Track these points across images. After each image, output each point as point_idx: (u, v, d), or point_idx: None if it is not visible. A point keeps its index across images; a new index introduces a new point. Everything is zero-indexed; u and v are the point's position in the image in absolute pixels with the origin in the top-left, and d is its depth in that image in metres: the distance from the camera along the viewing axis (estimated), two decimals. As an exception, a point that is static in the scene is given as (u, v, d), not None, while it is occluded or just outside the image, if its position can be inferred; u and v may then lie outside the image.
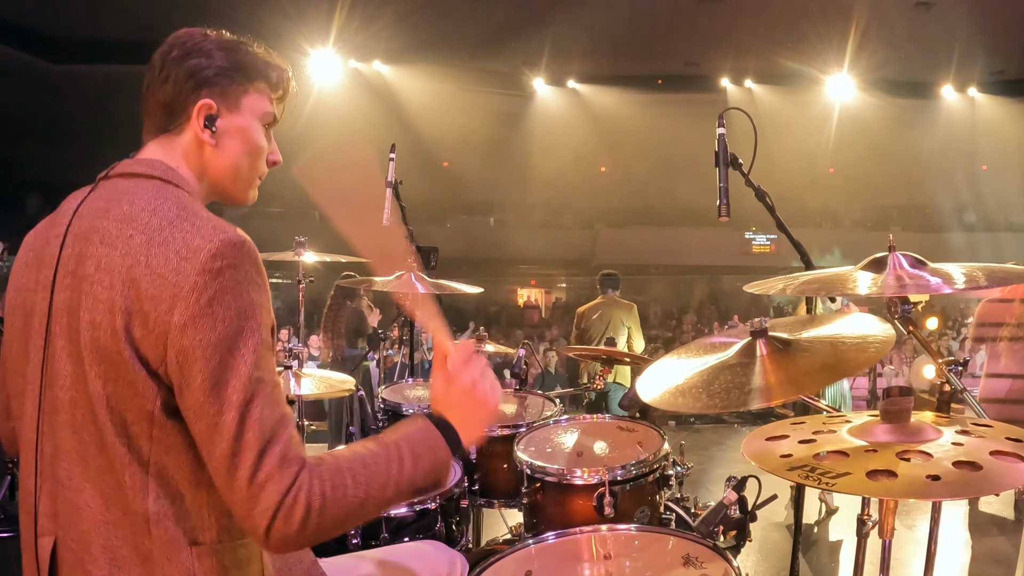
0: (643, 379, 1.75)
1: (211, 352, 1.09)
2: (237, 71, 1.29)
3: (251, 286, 1.14)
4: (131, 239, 1.14)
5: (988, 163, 20.24)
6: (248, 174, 1.36)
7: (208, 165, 1.31)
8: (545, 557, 1.81)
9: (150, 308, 1.11)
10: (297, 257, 3.56)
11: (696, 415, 9.68)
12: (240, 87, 1.30)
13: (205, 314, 1.10)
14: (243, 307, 1.12)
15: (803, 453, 1.31)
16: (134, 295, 1.12)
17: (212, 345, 1.09)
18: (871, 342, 1.52)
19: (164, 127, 1.29)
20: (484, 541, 2.79)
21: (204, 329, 1.09)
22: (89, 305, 1.14)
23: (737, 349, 1.67)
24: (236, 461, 1.08)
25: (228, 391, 1.09)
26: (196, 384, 1.09)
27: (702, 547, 1.74)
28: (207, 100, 1.27)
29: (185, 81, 1.26)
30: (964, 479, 1.16)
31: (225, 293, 1.11)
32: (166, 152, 1.28)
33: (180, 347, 1.10)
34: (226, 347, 1.10)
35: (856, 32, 15.27)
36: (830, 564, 4.50)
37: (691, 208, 20.38)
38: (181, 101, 1.27)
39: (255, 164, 1.36)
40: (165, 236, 1.14)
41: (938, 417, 1.40)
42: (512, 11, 14.35)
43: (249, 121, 1.32)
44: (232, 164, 1.32)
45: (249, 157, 1.34)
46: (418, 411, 2.86)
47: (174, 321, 1.10)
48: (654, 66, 18.05)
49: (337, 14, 14.15)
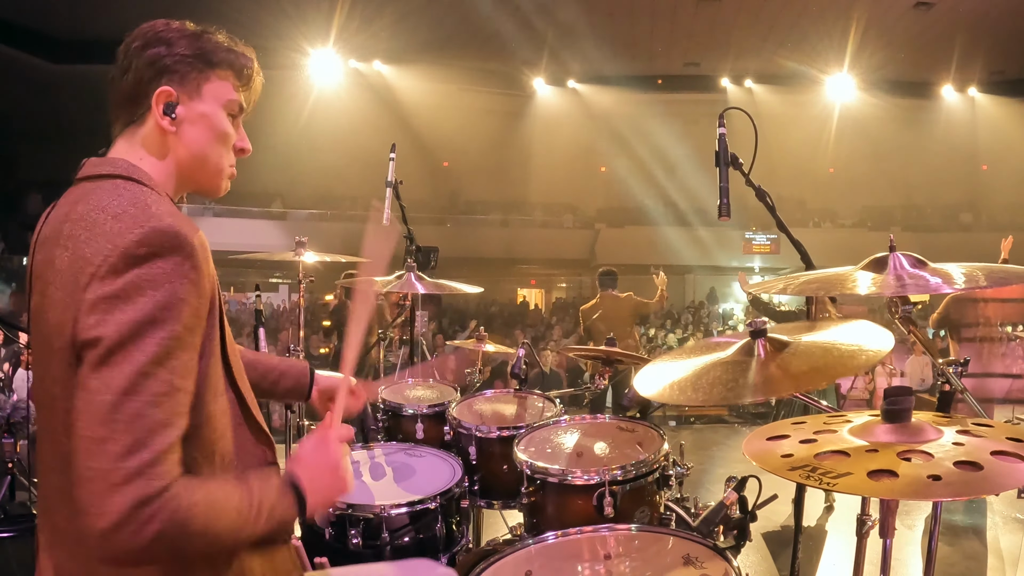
0: (641, 376, 1.76)
1: (111, 331, 1.06)
2: (197, 58, 1.28)
3: (178, 280, 1.11)
4: (78, 237, 1.14)
5: (988, 163, 20.25)
6: (216, 162, 1.34)
7: (172, 153, 1.29)
8: (545, 557, 1.81)
9: (82, 298, 1.10)
10: (297, 257, 3.56)
11: (696, 415, 9.70)
12: (201, 74, 1.29)
13: (117, 296, 1.07)
14: (161, 299, 1.09)
15: (804, 453, 1.31)
16: (74, 290, 1.11)
17: (121, 324, 1.06)
18: (865, 351, 1.53)
19: (128, 119, 1.28)
20: (484, 541, 2.79)
21: (115, 309, 1.07)
22: (48, 306, 1.15)
23: (736, 348, 1.69)
24: (100, 448, 1.04)
25: (114, 374, 1.05)
26: (86, 360, 1.07)
27: (702, 547, 1.74)
28: (166, 87, 1.26)
29: (145, 70, 1.25)
30: (965, 479, 1.15)
31: (142, 280, 1.08)
32: (130, 146, 1.28)
33: (84, 324, 1.08)
34: (128, 333, 1.06)
35: (856, 32, 15.29)
36: (830, 564, 4.50)
37: (691, 208, 20.40)
38: (142, 90, 1.26)
39: (221, 152, 1.34)
40: (105, 229, 1.12)
41: (938, 417, 1.40)
42: (512, 11, 14.36)
43: (211, 108, 1.30)
44: (196, 151, 1.30)
45: (213, 144, 1.32)
46: (418, 411, 2.86)
47: (86, 298, 1.08)
48: (654, 66, 18.08)
49: (337, 14, 14.17)
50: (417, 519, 2.20)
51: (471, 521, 2.68)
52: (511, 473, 2.38)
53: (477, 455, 2.53)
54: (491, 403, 2.88)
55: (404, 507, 2.18)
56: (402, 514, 2.18)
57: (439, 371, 4.12)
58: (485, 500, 2.55)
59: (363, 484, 2.34)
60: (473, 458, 2.53)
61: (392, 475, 2.42)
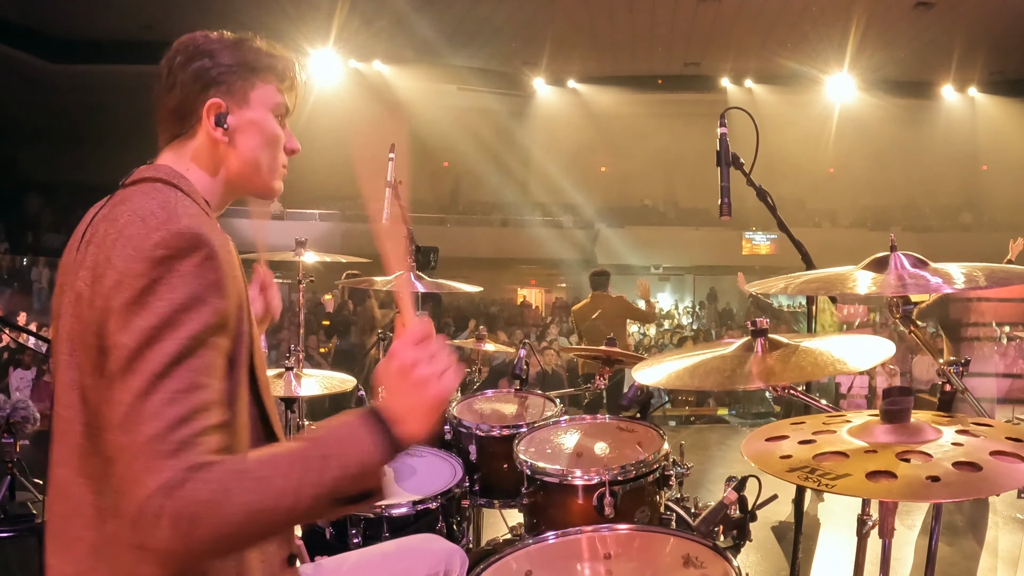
0: (641, 368, 1.78)
1: (135, 335, 1.06)
2: (242, 67, 1.30)
3: (197, 280, 1.11)
4: (107, 237, 1.15)
5: (988, 163, 20.24)
6: (269, 165, 1.37)
7: (225, 163, 1.32)
8: (545, 557, 1.81)
9: (103, 296, 1.11)
10: (297, 257, 3.55)
11: (696, 415, 9.71)
12: (247, 82, 1.31)
13: (138, 301, 1.08)
14: (181, 300, 1.09)
15: (803, 454, 1.31)
16: (99, 288, 1.12)
17: (138, 330, 1.06)
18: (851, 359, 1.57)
19: (176, 132, 1.30)
20: (484, 541, 2.79)
21: (133, 315, 1.07)
22: (77, 303, 1.16)
23: (736, 345, 1.71)
24: (123, 450, 1.04)
25: (134, 379, 1.05)
26: (114, 361, 1.07)
27: (702, 547, 1.75)
28: (215, 99, 1.28)
29: (192, 84, 1.27)
30: (964, 480, 1.15)
31: (160, 283, 1.09)
32: (177, 157, 1.30)
33: (112, 330, 1.09)
34: (152, 335, 1.06)
35: (856, 32, 15.28)
36: (830, 564, 4.50)
37: (691, 208, 20.40)
38: (190, 104, 1.28)
39: (274, 155, 1.37)
40: (132, 231, 1.13)
41: (938, 417, 1.40)
42: (512, 11, 14.36)
43: (261, 114, 1.33)
44: (250, 158, 1.33)
45: (266, 149, 1.35)
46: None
47: (114, 306, 1.09)
48: (654, 66, 18.07)
49: (337, 14, 14.17)
50: (418, 519, 2.21)
51: (471, 521, 2.68)
52: (511, 473, 2.39)
53: (477, 455, 2.53)
54: (491, 403, 2.88)
55: (405, 507, 2.18)
56: (403, 514, 2.18)
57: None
58: (485, 500, 2.55)
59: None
60: (473, 457, 2.54)
61: (393, 475, 2.42)
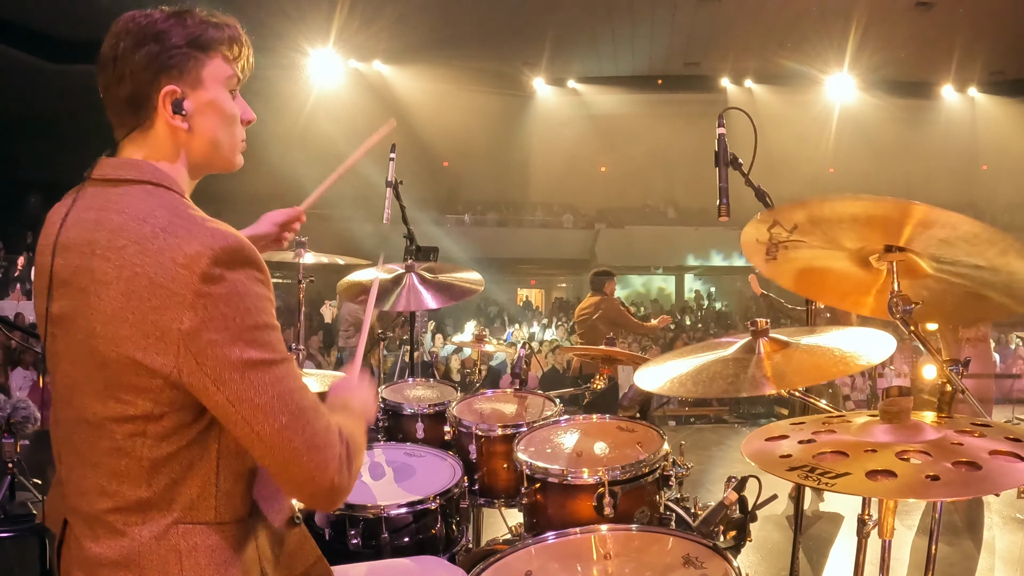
0: (642, 372, 1.77)
1: (228, 350, 1.13)
2: (191, 45, 1.25)
3: (253, 284, 1.17)
4: (124, 250, 1.14)
5: (988, 163, 20.25)
6: (229, 143, 1.34)
7: (187, 148, 1.29)
8: (545, 557, 1.81)
9: (156, 318, 1.12)
10: (297, 258, 3.55)
11: (696, 415, 9.71)
12: (198, 61, 1.26)
13: (213, 317, 1.12)
14: (248, 305, 1.15)
15: (803, 454, 1.31)
16: (136, 306, 1.13)
17: (227, 343, 1.13)
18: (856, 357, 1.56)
19: (133, 124, 1.26)
20: (484, 541, 2.79)
21: (216, 331, 1.13)
22: (87, 314, 1.16)
23: (737, 347, 1.71)
24: (285, 441, 1.16)
25: (255, 377, 1.15)
26: (225, 380, 1.14)
27: (702, 547, 1.75)
28: (170, 86, 1.23)
29: (143, 71, 1.22)
30: (963, 479, 1.15)
31: (230, 296, 1.14)
32: (141, 151, 1.26)
33: (196, 351, 1.13)
34: (242, 341, 1.14)
35: (856, 32, 15.29)
36: (830, 564, 4.50)
37: (691, 208, 20.40)
38: (143, 92, 1.23)
39: (232, 131, 1.34)
40: (159, 244, 1.14)
41: (938, 417, 1.41)
42: (512, 11, 14.36)
43: (215, 92, 1.29)
44: (211, 139, 1.30)
45: (225, 127, 1.32)
46: (418, 410, 2.86)
47: (184, 329, 1.12)
48: (654, 66, 18.06)
49: (337, 14, 14.17)
50: (417, 519, 2.21)
51: (471, 521, 2.68)
52: (511, 473, 2.39)
53: (477, 454, 2.53)
54: (491, 403, 2.88)
55: (404, 507, 2.18)
56: (402, 514, 2.18)
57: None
58: (485, 500, 2.55)
59: (363, 484, 2.35)
60: (473, 457, 2.54)
61: (392, 475, 2.42)
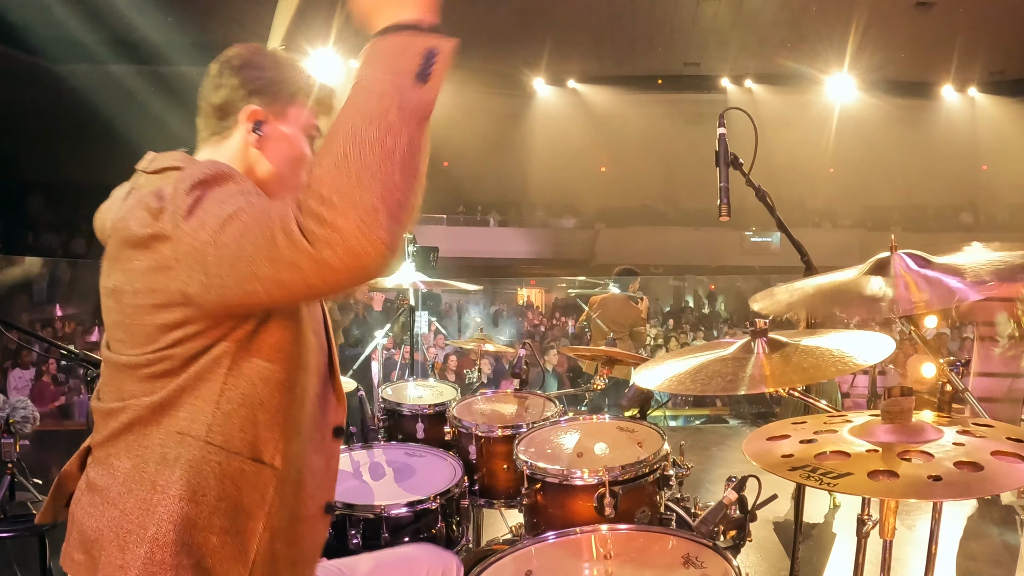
0: (641, 371, 1.77)
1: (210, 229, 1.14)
2: (285, 84, 1.41)
3: (231, 189, 1.19)
4: (137, 203, 1.25)
5: (988, 163, 20.25)
6: (289, 181, 1.43)
7: (253, 168, 1.40)
8: (545, 557, 1.81)
9: (147, 246, 1.20)
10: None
11: (696, 415, 9.71)
12: (287, 98, 1.41)
13: (193, 216, 1.16)
14: (225, 197, 1.17)
15: (804, 453, 1.31)
16: (122, 240, 1.23)
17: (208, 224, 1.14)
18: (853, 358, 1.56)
19: (215, 130, 1.40)
20: (484, 541, 2.79)
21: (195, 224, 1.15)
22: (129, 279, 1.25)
23: (736, 347, 1.71)
24: (288, 236, 1.07)
25: (207, 219, 1.15)
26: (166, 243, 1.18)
27: (702, 547, 1.75)
28: (256, 107, 1.38)
29: (238, 88, 1.38)
30: (965, 479, 1.15)
31: (204, 199, 1.17)
32: (213, 154, 1.39)
33: (184, 250, 1.16)
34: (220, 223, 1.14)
35: (856, 32, 15.29)
36: (830, 564, 4.50)
37: (691, 208, 20.39)
38: (232, 106, 1.38)
39: (296, 172, 1.44)
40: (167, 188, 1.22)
41: (939, 417, 1.40)
42: (512, 11, 14.36)
43: (293, 131, 1.42)
44: (275, 168, 1.41)
45: (291, 164, 1.43)
46: (418, 411, 2.86)
47: (170, 243, 1.17)
48: (654, 66, 18.07)
49: (337, 14, 14.16)
50: (417, 519, 2.20)
51: (471, 521, 2.68)
52: (511, 473, 2.39)
53: (477, 455, 2.53)
54: (491, 403, 2.88)
55: (404, 507, 2.18)
56: (402, 514, 2.18)
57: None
58: (485, 500, 2.55)
59: (363, 484, 2.35)
60: (473, 458, 2.54)
61: (392, 475, 2.42)
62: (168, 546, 1.22)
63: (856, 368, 1.54)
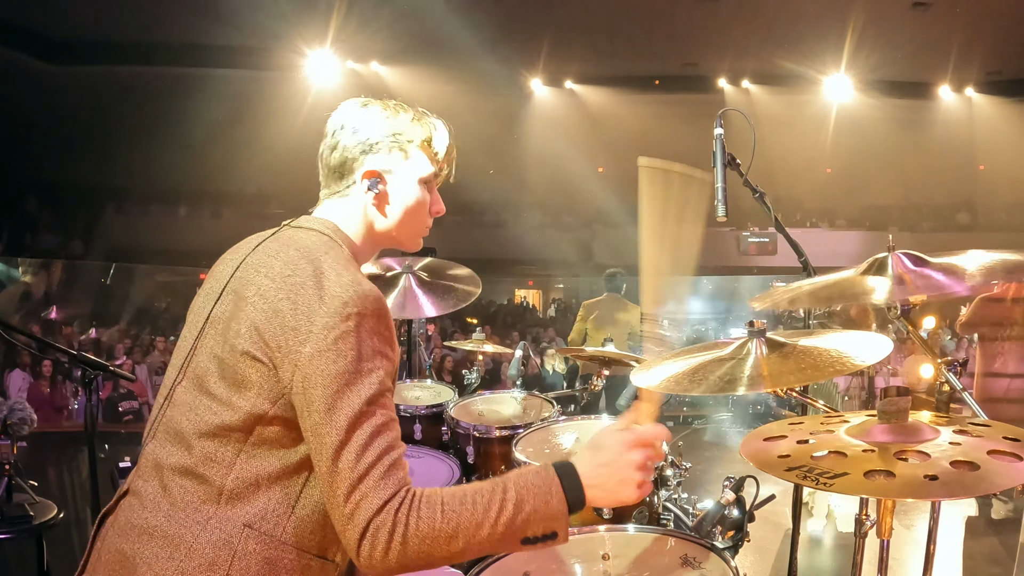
0: (639, 371, 1.77)
1: (330, 381, 1.23)
2: (396, 138, 1.47)
3: (375, 335, 1.28)
4: (288, 278, 1.32)
5: (985, 163, 20.26)
6: (411, 227, 1.52)
7: (373, 221, 1.49)
8: (543, 558, 1.81)
9: (286, 336, 1.27)
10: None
11: (696, 415, 9.71)
12: (400, 152, 1.47)
13: (331, 349, 1.24)
14: (364, 350, 1.26)
15: (801, 453, 1.31)
16: (276, 322, 1.29)
17: (332, 376, 1.23)
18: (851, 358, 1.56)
19: (336, 189, 1.49)
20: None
21: (327, 362, 1.24)
22: (240, 318, 1.33)
23: (734, 347, 1.71)
24: (335, 478, 1.21)
25: (338, 416, 1.22)
26: (314, 407, 1.24)
27: (700, 547, 1.75)
28: (371, 168, 1.45)
29: (352, 148, 1.46)
30: (962, 479, 1.16)
31: (350, 335, 1.25)
32: (336, 214, 1.48)
33: (305, 374, 1.24)
34: (344, 380, 1.23)
35: (853, 33, 15.30)
36: (829, 564, 4.51)
37: (689, 208, 20.31)
38: (348, 166, 1.46)
39: (418, 219, 1.53)
40: (315, 282, 1.30)
41: (936, 417, 1.41)
42: (509, 12, 14.36)
43: (410, 181, 1.49)
44: (396, 222, 1.49)
45: (412, 214, 1.51)
46: (416, 411, 2.85)
47: (304, 351, 1.25)
48: (652, 66, 18.06)
49: (335, 15, 14.14)
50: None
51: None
52: (509, 473, 2.38)
53: (475, 455, 2.53)
54: (489, 403, 2.88)
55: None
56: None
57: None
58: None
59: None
60: (471, 458, 2.54)
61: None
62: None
63: (854, 368, 1.54)
